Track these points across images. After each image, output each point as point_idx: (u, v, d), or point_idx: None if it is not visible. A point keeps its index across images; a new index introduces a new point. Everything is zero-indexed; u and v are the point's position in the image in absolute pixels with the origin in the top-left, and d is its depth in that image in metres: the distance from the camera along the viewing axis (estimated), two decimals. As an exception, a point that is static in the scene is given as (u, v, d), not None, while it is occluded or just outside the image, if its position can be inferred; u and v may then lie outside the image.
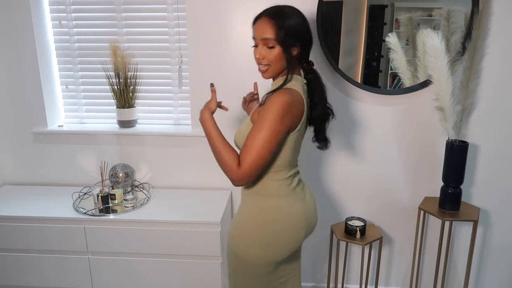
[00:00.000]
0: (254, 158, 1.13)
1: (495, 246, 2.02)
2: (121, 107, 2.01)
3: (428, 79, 1.71)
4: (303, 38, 1.23)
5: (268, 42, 1.19)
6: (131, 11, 1.97)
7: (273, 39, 1.18)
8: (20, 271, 1.86)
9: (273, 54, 1.20)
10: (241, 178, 1.14)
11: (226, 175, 1.17)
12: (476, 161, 1.90)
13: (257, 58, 1.23)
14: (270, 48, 1.19)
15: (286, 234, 1.28)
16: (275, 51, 1.20)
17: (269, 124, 1.12)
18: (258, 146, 1.13)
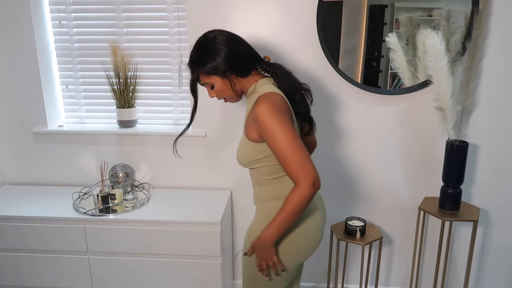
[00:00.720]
0: (298, 162, 1.09)
1: (495, 246, 2.02)
2: (121, 107, 2.01)
3: (428, 79, 1.71)
4: (229, 63, 1.21)
5: (206, 85, 1.27)
6: (131, 11, 1.97)
7: (206, 83, 1.26)
8: (20, 271, 1.86)
9: (218, 90, 1.25)
10: (313, 185, 1.09)
11: (309, 196, 1.11)
12: (476, 161, 1.90)
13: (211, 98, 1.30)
14: (212, 88, 1.26)
15: (309, 234, 1.28)
16: (217, 86, 1.25)
17: (276, 126, 1.11)
18: (289, 151, 1.10)
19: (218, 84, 1.24)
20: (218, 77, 1.23)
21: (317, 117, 1.93)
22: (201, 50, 1.24)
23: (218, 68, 1.21)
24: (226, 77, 1.23)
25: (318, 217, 1.32)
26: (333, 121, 1.91)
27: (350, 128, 1.92)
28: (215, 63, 1.21)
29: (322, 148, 1.94)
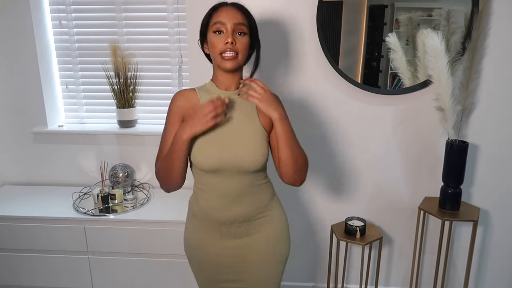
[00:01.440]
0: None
1: (495, 246, 2.02)
2: (121, 107, 2.01)
3: (428, 79, 1.71)
4: (258, 37, 1.25)
5: (241, 28, 1.15)
6: (131, 11, 1.97)
7: (246, 25, 1.17)
8: (20, 271, 1.86)
9: (244, 41, 1.16)
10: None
11: (302, 173, 1.22)
12: (476, 161, 1.90)
13: (227, 43, 1.13)
14: (241, 34, 1.15)
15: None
16: (246, 39, 1.17)
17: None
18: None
19: (247, 40, 1.18)
20: (249, 37, 1.18)
21: (317, 117, 1.94)
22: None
23: (256, 32, 1.23)
24: (253, 44, 1.22)
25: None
26: (333, 121, 1.91)
27: (350, 128, 1.92)
28: (256, 28, 1.24)
29: (322, 148, 1.94)
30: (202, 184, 1.23)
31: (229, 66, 1.15)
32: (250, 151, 1.17)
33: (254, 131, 1.20)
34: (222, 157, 1.15)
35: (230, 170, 1.17)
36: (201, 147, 1.16)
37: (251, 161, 1.17)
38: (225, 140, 1.17)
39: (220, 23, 1.14)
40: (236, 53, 1.15)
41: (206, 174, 1.19)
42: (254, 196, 1.24)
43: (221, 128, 1.17)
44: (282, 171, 1.20)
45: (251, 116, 1.22)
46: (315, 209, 2.00)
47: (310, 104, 1.88)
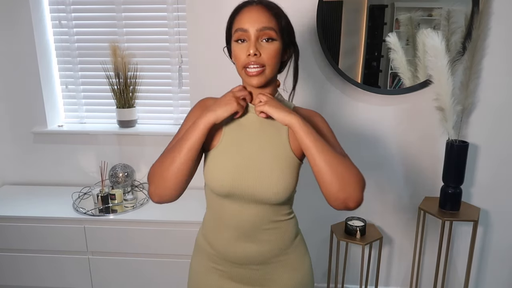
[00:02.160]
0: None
1: (495, 246, 2.01)
2: (121, 107, 2.01)
3: (428, 79, 1.71)
4: (295, 42, 1.02)
5: (268, 33, 0.92)
6: (131, 11, 1.97)
7: (275, 28, 0.93)
8: (20, 271, 1.86)
9: (273, 49, 0.93)
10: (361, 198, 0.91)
11: (351, 187, 0.89)
12: (476, 161, 1.90)
13: (249, 55, 0.92)
14: (269, 41, 0.93)
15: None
16: (275, 46, 0.94)
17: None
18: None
19: (278, 46, 0.95)
20: (280, 41, 0.95)
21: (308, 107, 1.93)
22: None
23: (294, 37, 1.01)
24: (286, 50, 1.00)
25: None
26: (333, 121, 1.91)
27: (350, 128, 1.91)
28: (291, 29, 1.00)
29: (322, 148, 1.94)
30: (213, 210, 1.05)
31: (256, 82, 0.95)
32: (270, 180, 0.95)
33: (279, 156, 0.97)
34: (235, 180, 0.95)
35: (244, 198, 0.97)
36: (215, 162, 0.98)
37: (270, 193, 0.95)
38: (242, 161, 0.97)
39: (241, 30, 0.93)
40: (262, 66, 0.93)
41: (217, 197, 1.01)
42: (273, 234, 1.02)
43: (242, 145, 0.98)
44: (326, 194, 0.91)
45: (279, 138, 0.99)
46: (315, 209, 2.00)
47: (310, 104, 1.88)
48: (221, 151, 0.99)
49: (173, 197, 1.00)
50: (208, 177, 0.99)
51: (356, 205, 0.90)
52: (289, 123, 0.91)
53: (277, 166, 0.96)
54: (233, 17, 0.98)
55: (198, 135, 0.92)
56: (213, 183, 0.98)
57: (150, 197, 1.02)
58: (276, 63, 0.96)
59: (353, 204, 0.90)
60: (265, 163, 0.96)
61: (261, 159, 0.97)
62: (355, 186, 0.90)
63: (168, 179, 0.96)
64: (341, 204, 0.90)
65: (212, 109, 0.93)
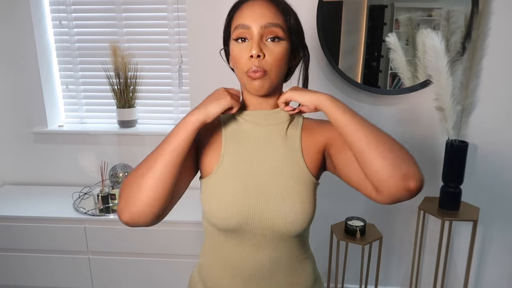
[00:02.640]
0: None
1: (495, 246, 2.02)
2: (121, 107, 2.01)
3: (428, 79, 1.71)
4: (305, 43, 0.87)
5: (274, 30, 0.77)
6: (131, 11, 1.97)
7: (283, 26, 0.79)
8: (19, 271, 1.86)
9: (279, 50, 0.78)
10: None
11: (407, 165, 0.72)
12: (476, 161, 1.90)
13: (251, 56, 0.77)
14: (274, 40, 0.78)
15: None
16: (282, 47, 0.79)
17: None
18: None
19: (286, 46, 0.80)
20: (288, 41, 0.81)
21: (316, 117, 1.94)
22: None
23: (303, 36, 0.86)
24: (293, 52, 0.84)
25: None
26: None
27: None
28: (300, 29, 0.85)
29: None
30: (213, 247, 0.88)
31: (257, 86, 0.79)
32: (285, 206, 0.79)
33: (294, 176, 0.81)
34: (243, 211, 0.78)
35: (256, 232, 0.80)
36: (215, 189, 0.81)
37: (287, 223, 0.79)
38: (250, 185, 0.80)
39: (243, 26, 0.78)
40: (264, 71, 0.78)
41: (219, 233, 0.83)
42: (290, 277, 0.86)
43: (247, 165, 0.82)
44: (378, 183, 0.71)
45: (292, 155, 0.83)
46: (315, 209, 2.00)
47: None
48: (222, 175, 0.81)
49: (148, 218, 0.73)
50: (207, 209, 0.82)
51: (419, 183, 0.73)
52: (318, 103, 0.77)
53: (293, 188, 0.80)
54: (233, 12, 0.82)
55: (184, 136, 0.73)
56: (215, 216, 0.80)
57: (119, 215, 0.74)
58: (282, 67, 0.80)
59: (414, 183, 0.72)
60: (277, 186, 0.80)
61: (272, 181, 0.80)
62: (410, 160, 0.73)
63: (143, 190, 0.72)
64: (399, 185, 0.70)
65: (202, 106, 0.77)
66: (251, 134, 0.85)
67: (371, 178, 0.72)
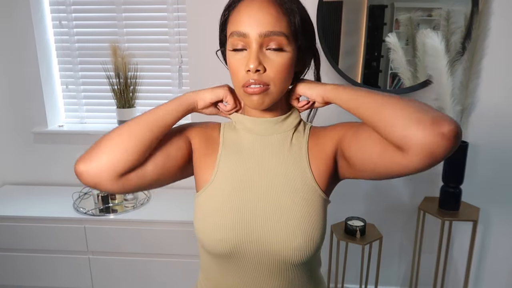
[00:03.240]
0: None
1: (495, 246, 2.01)
2: (121, 107, 2.01)
3: (428, 79, 1.71)
4: (314, 44, 0.77)
5: (276, 39, 0.66)
6: (131, 11, 1.97)
7: (286, 33, 0.67)
8: (20, 271, 1.86)
9: (282, 62, 0.68)
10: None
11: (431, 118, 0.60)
12: (476, 161, 1.90)
13: (249, 70, 0.67)
14: (277, 50, 0.67)
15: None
16: (285, 58, 0.68)
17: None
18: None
19: (290, 56, 0.69)
20: (293, 48, 0.70)
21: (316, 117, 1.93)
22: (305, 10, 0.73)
23: (313, 39, 0.75)
24: (300, 56, 0.73)
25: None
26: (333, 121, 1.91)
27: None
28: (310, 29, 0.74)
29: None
30: (208, 275, 0.79)
31: (256, 102, 0.70)
32: (288, 228, 0.69)
33: (299, 192, 0.72)
34: (238, 232, 0.69)
35: (253, 259, 0.70)
36: (208, 207, 0.73)
37: (293, 247, 0.68)
38: (248, 202, 0.71)
39: (238, 34, 0.67)
40: (265, 86, 0.68)
41: (214, 258, 0.74)
42: None
43: (245, 179, 0.73)
44: (403, 139, 0.61)
45: (298, 167, 0.74)
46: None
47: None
48: (215, 191, 0.73)
49: (103, 172, 0.66)
50: (199, 230, 0.73)
51: (452, 126, 0.60)
52: (326, 94, 0.72)
53: (297, 206, 0.70)
54: (228, 12, 0.71)
55: (170, 108, 0.71)
56: (207, 239, 0.71)
57: (76, 163, 0.68)
58: (286, 79, 0.71)
59: (447, 125, 0.59)
60: (280, 205, 0.70)
61: (274, 198, 0.71)
62: (437, 111, 0.62)
63: (111, 139, 0.68)
64: (429, 130, 0.59)
65: (198, 90, 0.77)
66: (251, 145, 0.76)
67: (395, 135, 0.61)
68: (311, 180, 0.74)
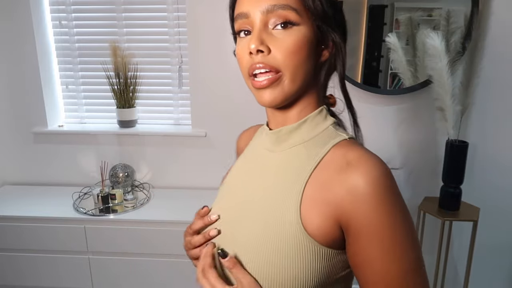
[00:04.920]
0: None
1: (495, 246, 2.01)
2: (121, 107, 2.01)
3: (428, 79, 1.71)
4: (341, 22, 0.62)
5: (283, 14, 0.55)
6: (131, 11, 1.97)
7: (295, 7, 0.55)
8: (20, 271, 1.86)
9: (292, 40, 0.56)
10: None
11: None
12: (476, 161, 1.90)
13: (251, 52, 0.56)
14: (287, 26, 0.56)
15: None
16: (299, 34, 0.56)
17: (401, 227, 0.52)
18: (415, 277, 0.52)
19: (304, 32, 0.56)
20: (309, 27, 0.57)
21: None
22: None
23: (338, 17, 0.61)
24: (327, 37, 0.59)
25: None
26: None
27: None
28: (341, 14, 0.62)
29: (322, 148, 1.94)
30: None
31: (268, 99, 0.57)
32: (257, 264, 0.56)
33: (271, 229, 0.57)
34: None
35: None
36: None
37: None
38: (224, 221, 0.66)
39: (241, 16, 0.58)
40: (275, 71, 0.56)
41: None
42: None
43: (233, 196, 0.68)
44: None
45: (287, 197, 0.58)
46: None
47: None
48: (216, 197, 0.72)
49: None
50: None
51: None
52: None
53: (266, 247, 0.56)
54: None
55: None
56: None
57: None
58: (300, 63, 0.56)
59: None
60: (247, 238, 0.59)
61: (244, 227, 0.60)
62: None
63: None
64: None
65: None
66: (258, 159, 0.66)
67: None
68: (294, 222, 0.55)
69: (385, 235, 0.51)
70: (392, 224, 0.50)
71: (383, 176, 0.51)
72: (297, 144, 0.62)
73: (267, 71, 0.56)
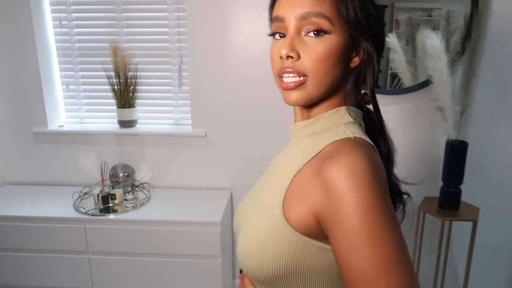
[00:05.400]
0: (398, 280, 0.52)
1: (494, 246, 2.01)
2: (121, 107, 2.01)
3: (428, 79, 1.71)
4: (376, 30, 0.65)
5: (316, 21, 0.58)
6: (131, 11, 1.97)
7: (329, 16, 0.58)
8: (20, 271, 1.86)
9: (321, 48, 0.58)
10: None
11: None
12: (476, 161, 1.90)
13: (281, 56, 0.60)
14: (318, 34, 0.58)
15: None
16: (329, 43, 0.58)
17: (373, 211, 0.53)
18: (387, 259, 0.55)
19: (334, 41, 0.59)
20: (341, 36, 0.60)
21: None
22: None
23: (371, 25, 0.64)
24: (357, 46, 0.62)
25: None
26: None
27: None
28: (376, 20, 0.66)
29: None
30: None
31: (293, 100, 0.61)
32: (244, 243, 0.64)
33: (264, 210, 0.64)
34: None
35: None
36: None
37: (246, 263, 0.63)
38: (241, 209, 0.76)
39: (277, 19, 0.61)
40: (302, 76, 0.59)
41: None
42: None
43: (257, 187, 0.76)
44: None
45: (278, 186, 0.64)
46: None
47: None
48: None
49: None
50: None
51: None
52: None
53: (256, 223, 0.64)
54: (273, 1, 0.65)
55: None
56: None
57: None
58: (326, 71, 0.59)
59: None
60: (250, 217, 0.68)
61: (250, 210, 0.70)
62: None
63: None
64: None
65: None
66: (286, 148, 0.73)
67: None
68: (276, 207, 0.61)
69: (353, 229, 0.51)
70: (362, 219, 0.51)
71: (360, 171, 0.52)
72: (307, 138, 0.66)
73: (295, 75, 0.60)
